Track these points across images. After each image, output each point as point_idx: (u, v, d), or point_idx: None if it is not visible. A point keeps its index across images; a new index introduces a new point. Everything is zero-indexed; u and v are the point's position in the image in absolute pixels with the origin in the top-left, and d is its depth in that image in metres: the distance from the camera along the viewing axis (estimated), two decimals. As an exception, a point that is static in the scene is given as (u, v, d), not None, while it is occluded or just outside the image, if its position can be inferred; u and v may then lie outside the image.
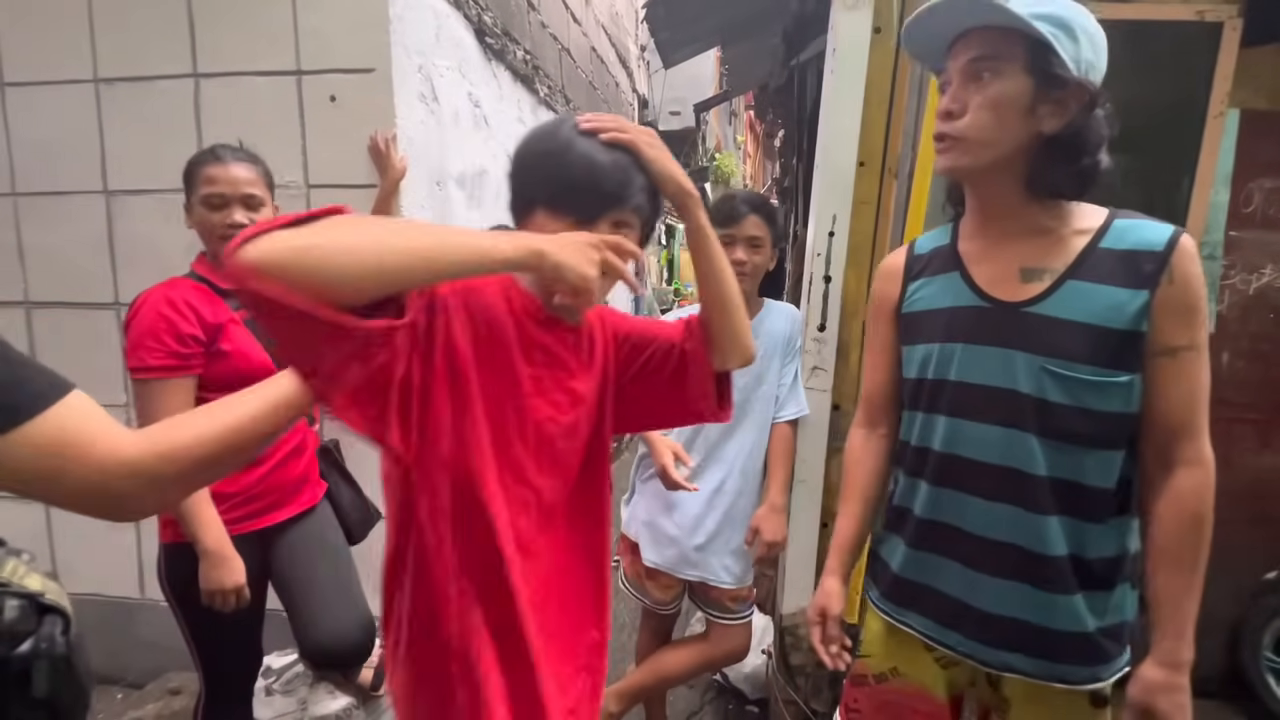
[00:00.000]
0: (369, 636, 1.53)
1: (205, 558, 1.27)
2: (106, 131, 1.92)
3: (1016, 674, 0.90)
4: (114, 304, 1.97)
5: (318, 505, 1.57)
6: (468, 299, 0.75)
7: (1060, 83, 0.80)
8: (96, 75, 1.90)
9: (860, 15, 1.54)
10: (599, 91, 4.34)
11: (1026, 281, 0.87)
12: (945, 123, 0.86)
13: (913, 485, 0.99)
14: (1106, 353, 0.82)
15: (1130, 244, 0.83)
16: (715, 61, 6.73)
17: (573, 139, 0.77)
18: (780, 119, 4.52)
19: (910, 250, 1.03)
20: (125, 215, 1.93)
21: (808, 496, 1.72)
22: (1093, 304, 0.82)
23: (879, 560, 1.07)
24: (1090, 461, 0.85)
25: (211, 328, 1.31)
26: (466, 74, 2.33)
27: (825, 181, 1.63)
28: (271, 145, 1.63)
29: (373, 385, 0.67)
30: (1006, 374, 0.87)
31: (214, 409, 0.61)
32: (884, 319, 1.04)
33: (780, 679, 1.84)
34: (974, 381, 0.90)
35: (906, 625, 1.00)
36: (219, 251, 1.37)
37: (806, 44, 2.82)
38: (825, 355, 1.67)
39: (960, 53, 0.85)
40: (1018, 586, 0.89)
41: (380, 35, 1.81)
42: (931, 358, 0.94)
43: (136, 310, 1.29)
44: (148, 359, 1.25)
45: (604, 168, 0.77)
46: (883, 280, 1.06)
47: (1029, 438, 0.86)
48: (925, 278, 0.98)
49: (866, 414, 1.11)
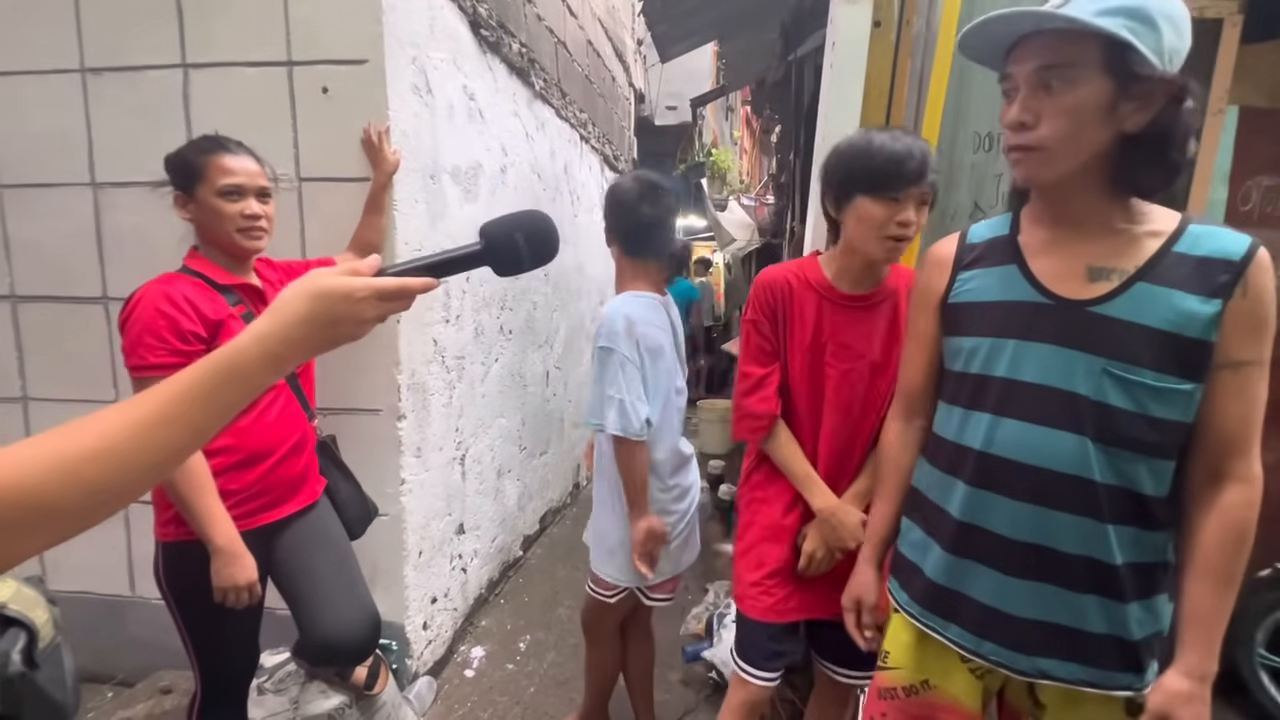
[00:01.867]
0: (374, 630, 1.52)
1: (218, 555, 1.26)
2: (94, 122, 1.88)
3: (1052, 680, 0.88)
4: (102, 298, 1.94)
5: (318, 501, 1.55)
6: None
7: (1143, 79, 0.75)
8: (84, 65, 1.86)
9: (860, 9, 1.52)
10: (595, 85, 4.31)
11: (1093, 280, 0.83)
12: (1019, 134, 0.81)
13: (948, 484, 0.95)
14: (1173, 360, 0.79)
15: (1205, 251, 0.80)
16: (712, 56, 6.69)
17: (871, 137, 1.10)
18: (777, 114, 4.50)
19: (962, 239, 0.99)
20: (113, 208, 1.89)
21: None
22: (1163, 309, 0.79)
23: (906, 562, 1.03)
24: (1145, 469, 0.83)
25: (212, 324, 1.29)
26: (461, 66, 2.30)
27: (824, 177, 1.61)
28: (263, 137, 1.60)
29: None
30: (1065, 374, 0.83)
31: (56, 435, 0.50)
32: (927, 309, 1.00)
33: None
34: (1026, 380, 0.86)
35: (943, 635, 0.96)
36: (235, 242, 1.36)
37: (804, 39, 2.81)
38: (823, 352, 1.66)
39: (1025, 58, 0.80)
40: (1057, 592, 0.86)
41: (373, 26, 1.78)
42: (979, 352, 0.91)
43: (133, 308, 1.26)
44: (148, 357, 1.23)
45: (901, 154, 1.09)
46: (930, 269, 1.01)
47: (1085, 441, 0.83)
48: (978, 268, 0.94)
49: (904, 406, 1.08)
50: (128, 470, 0.49)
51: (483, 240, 0.68)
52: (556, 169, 3.51)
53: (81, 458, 0.47)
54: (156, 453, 0.50)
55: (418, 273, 0.64)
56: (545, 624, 2.65)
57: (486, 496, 2.74)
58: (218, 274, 1.37)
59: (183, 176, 1.34)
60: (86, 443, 0.48)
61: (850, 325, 1.25)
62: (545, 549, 3.38)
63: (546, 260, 0.73)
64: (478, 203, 2.45)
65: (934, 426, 1.01)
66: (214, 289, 1.34)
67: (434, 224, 2.13)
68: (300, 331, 0.56)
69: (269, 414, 1.41)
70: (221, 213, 1.33)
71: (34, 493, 0.46)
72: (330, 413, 1.91)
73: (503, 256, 0.69)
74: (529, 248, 0.70)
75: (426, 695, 2.10)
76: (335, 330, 0.58)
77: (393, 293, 0.60)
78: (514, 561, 3.09)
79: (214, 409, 0.53)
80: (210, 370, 0.53)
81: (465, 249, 0.68)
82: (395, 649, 2.02)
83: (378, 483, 1.92)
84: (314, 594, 1.46)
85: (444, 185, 2.20)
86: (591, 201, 4.28)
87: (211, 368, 0.53)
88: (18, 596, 0.59)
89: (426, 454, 2.14)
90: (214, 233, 1.36)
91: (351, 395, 1.93)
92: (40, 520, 0.46)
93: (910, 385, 1.06)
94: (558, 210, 3.54)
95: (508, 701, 2.16)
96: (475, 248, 0.68)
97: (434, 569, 2.24)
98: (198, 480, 1.25)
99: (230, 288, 1.38)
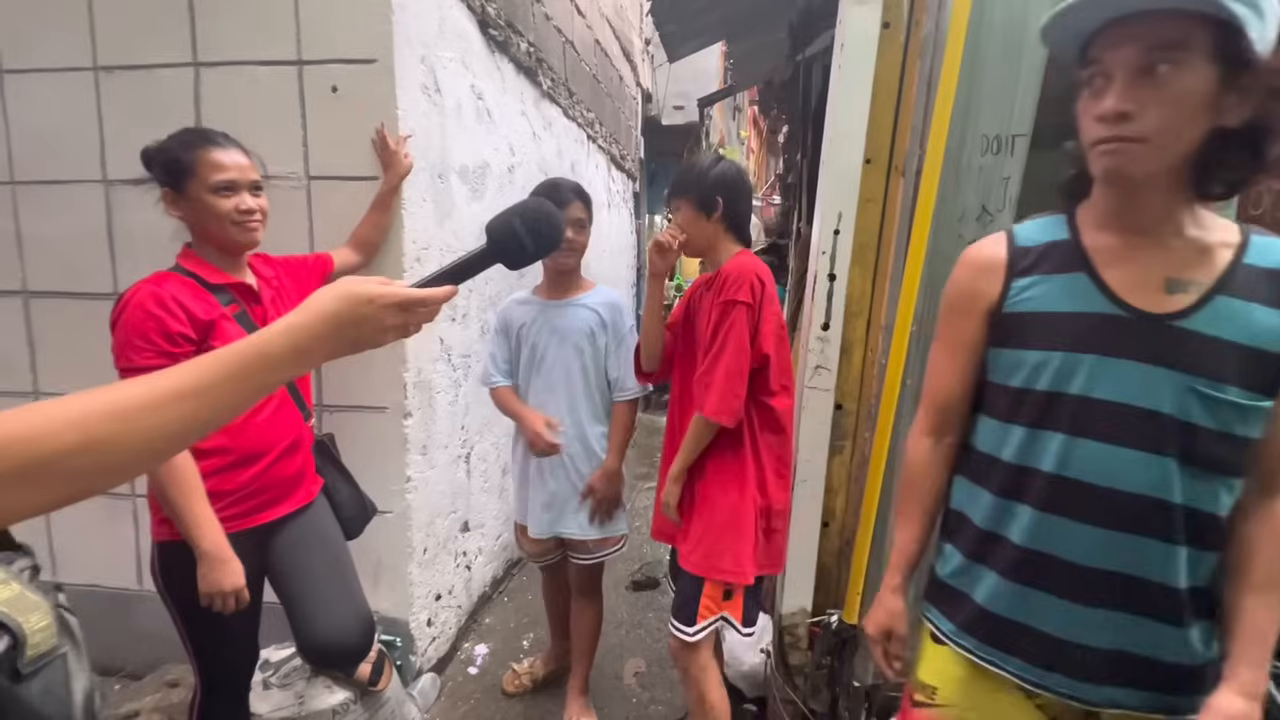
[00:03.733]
0: (368, 635, 1.52)
1: (203, 560, 1.26)
2: (106, 120, 1.90)
3: (1123, 709, 0.85)
4: (112, 294, 1.95)
5: (315, 500, 1.55)
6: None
7: (1250, 68, 0.69)
8: (96, 63, 1.88)
9: (870, 9, 1.51)
10: (603, 85, 4.31)
11: (1171, 293, 0.78)
12: (1118, 125, 0.74)
13: (1008, 509, 0.88)
14: (1257, 376, 0.76)
15: (1274, 263, 0.78)
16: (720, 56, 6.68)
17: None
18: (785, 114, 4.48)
19: (1011, 242, 0.91)
20: (124, 205, 1.91)
21: (809, 496, 1.71)
22: (1243, 324, 0.76)
23: (946, 587, 0.97)
24: (1223, 489, 0.79)
25: (202, 324, 1.28)
26: (470, 66, 2.31)
27: (831, 178, 1.61)
28: (272, 136, 1.62)
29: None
30: (1148, 393, 0.78)
31: (80, 395, 0.50)
32: (971, 316, 0.92)
33: (778, 678, 1.83)
34: (1104, 398, 0.80)
35: (1002, 669, 0.89)
36: (230, 237, 1.34)
37: (813, 39, 2.80)
38: (829, 354, 1.66)
39: (1123, 41, 0.73)
40: (1130, 618, 0.82)
41: (383, 25, 1.79)
42: (1047, 367, 0.84)
43: (123, 308, 1.26)
44: (136, 359, 1.23)
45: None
46: (975, 273, 0.93)
47: (1168, 463, 0.78)
48: (1037, 274, 0.87)
49: (934, 420, 1.00)
50: (140, 435, 0.50)
51: (487, 237, 0.69)
52: (563, 168, 3.51)
53: (97, 414, 0.48)
54: (172, 423, 0.52)
55: (436, 282, 0.66)
56: (547, 622, 2.65)
57: (491, 494, 2.75)
58: (210, 273, 1.35)
59: (171, 173, 1.31)
60: (101, 402, 0.49)
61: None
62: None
63: (553, 241, 0.73)
64: (484, 202, 2.45)
65: (977, 444, 0.94)
66: (206, 288, 1.33)
67: (441, 223, 2.14)
68: (325, 328, 0.59)
69: (263, 414, 1.40)
70: (216, 209, 1.31)
71: (44, 443, 0.46)
72: (336, 410, 1.92)
73: (508, 247, 0.70)
74: (529, 233, 0.70)
75: (430, 692, 2.11)
76: (357, 332, 0.62)
77: (413, 302, 0.64)
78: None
79: (236, 390, 0.55)
80: (238, 353, 0.55)
81: (474, 251, 0.69)
82: (399, 645, 2.03)
83: (383, 480, 1.93)
84: (308, 597, 1.46)
85: (451, 184, 2.21)
86: (599, 200, 4.28)
87: (240, 350, 0.56)
88: (17, 600, 0.56)
89: (432, 451, 2.15)
90: (208, 230, 1.34)
91: (358, 393, 1.94)
92: (43, 474, 0.47)
93: (944, 397, 0.98)
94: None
95: (510, 698, 2.17)
96: (483, 246, 0.69)
97: (438, 566, 2.25)
98: (186, 484, 1.24)
99: (223, 287, 1.36)
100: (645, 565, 3.18)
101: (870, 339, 1.67)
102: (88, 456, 0.48)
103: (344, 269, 1.77)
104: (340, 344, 0.61)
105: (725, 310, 1.47)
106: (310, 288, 1.64)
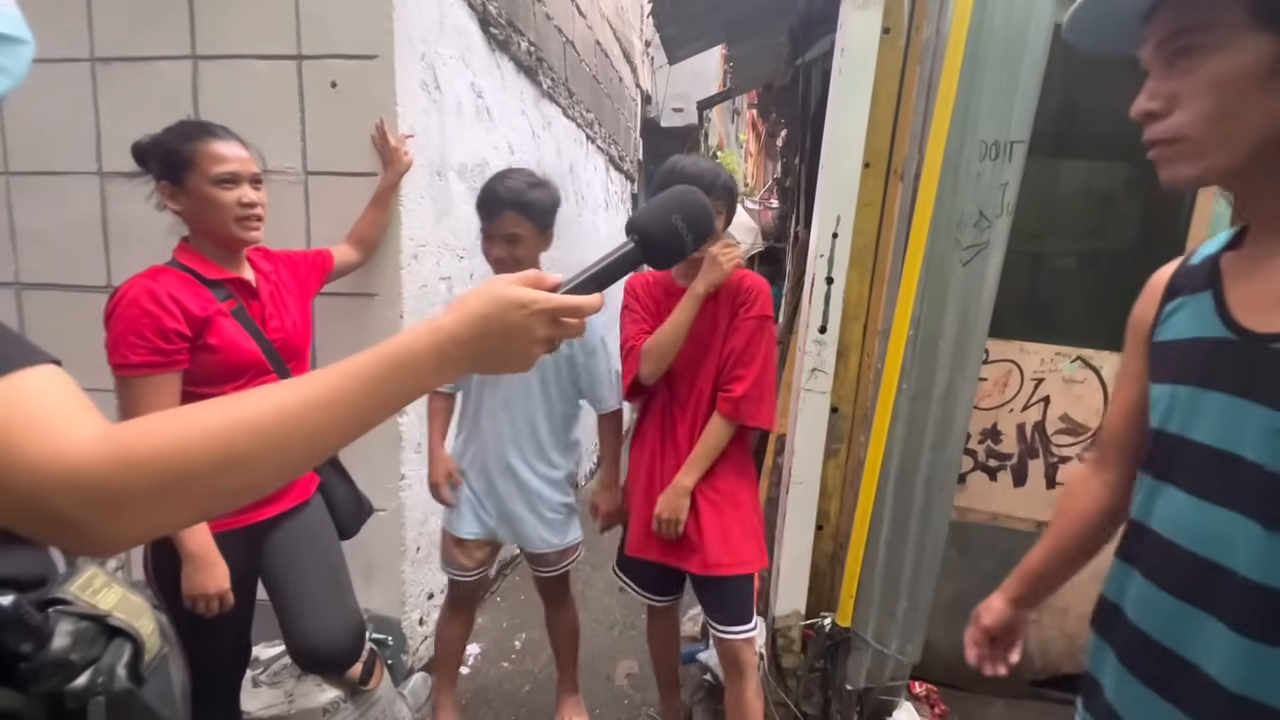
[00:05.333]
0: (358, 640, 1.50)
1: (188, 561, 1.24)
2: (102, 112, 1.89)
3: None
4: (106, 287, 1.94)
5: (310, 500, 1.54)
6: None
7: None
8: (93, 54, 1.86)
9: (870, 14, 1.52)
10: (603, 86, 4.31)
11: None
12: (1151, 126, 0.65)
13: (1124, 573, 0.75)
14: None
15: None
16: (720, 58, 6.70)
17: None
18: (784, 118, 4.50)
19: (1184, 260, 0.78)
20: (119, 198, 1.90)
21: (804, 498, 1.71)
22: None
23: (1089, 677, 0.82)
24: None
25: (198, 321, 1.27)
26: (470, 63, 2.31)
27: (830, 182, 1.61)
28: (270, 130, 1.61)
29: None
30: (1231, 432, 0.63)
31: (218, 405, 0.48)
32: (1135, 344, 0.82)
33: (771, 681, 1.84)
34: (1196, 439, 0.67)
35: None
36: (231, 233, 1.33)
37: (812, 43, 2.81)
38: (825, 357, 1.66)
39: (1151, 33, 0.65)
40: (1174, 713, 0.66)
41: (383, 21, 1.79)
42: (1164, 404, 0.72)
43: (116, 303, 1.24)
44: (130, 356, 1.21)
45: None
46: (1144, 297, 0.82)
47: (1250, 524, 0.60)
48: (1183, 296, 0.74)
49: (1098, 452, 0.92)
50: (279, 449, 0.48)
51: (635, 236, 0.64)
52: (562, 168, 3.51)
53: (238, 431, 0.46)
54: (313, 434, 0.49)
55: (582, 288, 0.60)
56: (540, 623, 2.62)
57: (485, 494, 2.74)
58: (207, 268, 1.33)
59: (170, 166, 1.28)
60: (241, 415, 0.47)
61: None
62: (542, 548, 3.38)
63: (708, 231, 0.69)
64: (483, 200, 2.45)
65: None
66: (202, 284, 1.31)
67: (439, 220, 2.14)
68: (471, 331, 0.54)
69: None
70: (218, 202, 1.29)
71: (185, 460, 0.44)
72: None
73: (665, 246, 0.65)
74: (689, 228, 0.65)
75: (421, 691, 2.10)
76: (506, 343, 0.55)
77: (569, 310, 0.57)
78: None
79: (378, 397, 0.52)
80: (379, 357, 0.52)
81: (620, 251, 0.63)
82: (391, 644, 2.02)
83: (378, 478, 1.92)
84: (298, 599, 1.44)
85: (450, 182, 2.20)
86: (597, 201, 4.29)
87: (381, 354, 0.52)
88: (123, 603, 0.55)
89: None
90: (208, 224, 1.32)
91: (353, 390, 1.93)
92: (185, 492, 0.45)
93: (1109, 430, 0.90)
94: (562, 210, 3.54)
95: (502, 699, 2.16)
96: (630, 246, 0.63)
97: (431, 565, 2.24)
98: None
99: (220, 282, 1.34)
100: (638, 566, 3.18)
101: (867, 343, 1.68)
102: (227, 473, 0.46)
103: (343, 266, 1.76)
104: (486, 354, 0.55)
105: (761, 325, 1.52)
106: (310, 284, 1.63)
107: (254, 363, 1.35)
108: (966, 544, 2.18)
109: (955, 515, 2.10)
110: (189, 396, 1.28)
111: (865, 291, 1.65)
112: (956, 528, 2.12)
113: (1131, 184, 2.08)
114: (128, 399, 1.24)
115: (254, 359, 1.35)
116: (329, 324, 1.74)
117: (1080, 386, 2.09)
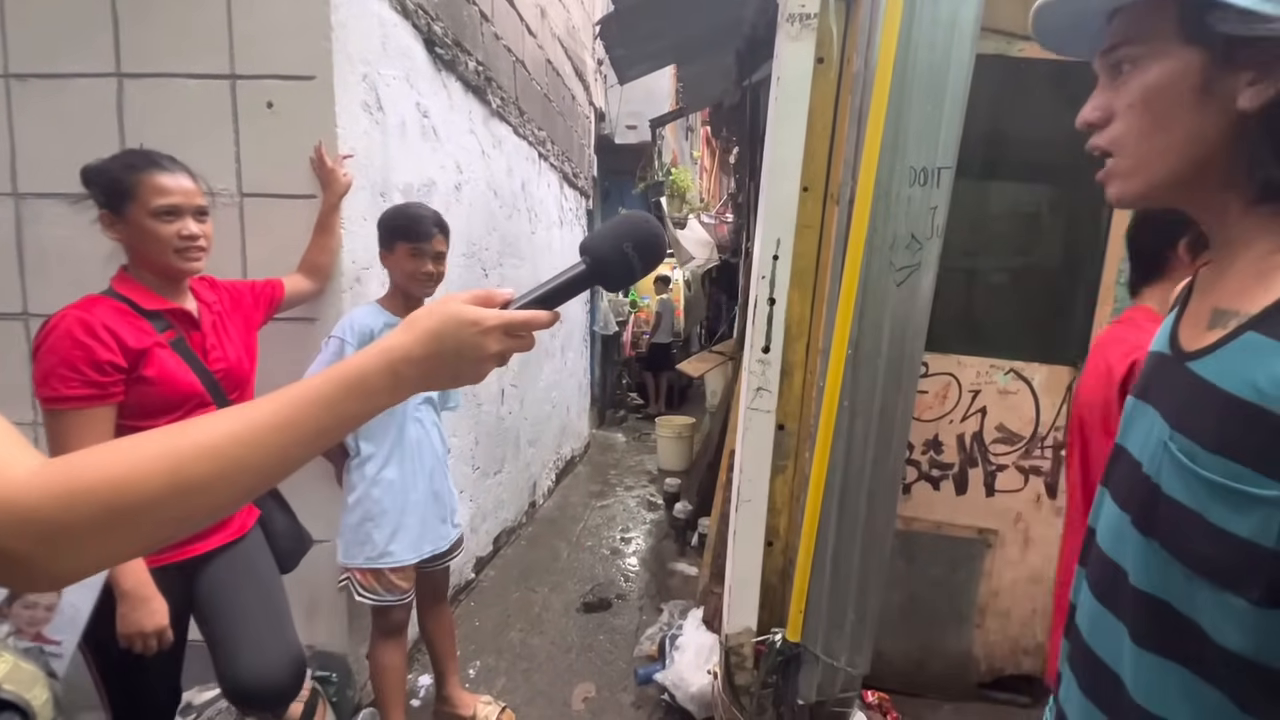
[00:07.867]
0: (298, 674, 1.45)
1: (124, 599, 1.19)
2: (18, 130, 1.79)
3: None
4: (21, 314, 1.83)
5: (248, 533, 1.48)
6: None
7: (1244, 41, 0.53)
8: (7, 70, 1.77)
9: (803, 46, 1.58)
10: (554, 104, 4.33)
11: (1212, 326, 0.61)
12: (1093, 137, 0.64)
13: (1079, 577, 0.75)
14: (1248, 445, 0.51)
15: None
16: (671, 78, 6.81)
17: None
18: (734, 136, 4.60)
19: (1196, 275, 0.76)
20: (36, 220, 1.80)
21: (752, 516, 1.73)
22: (1256, 369, 0.51)
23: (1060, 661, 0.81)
24: (1205, 600, 0.54)
25: (134, 353, 1.23)
26: (415, 84, 2.28)
27: (770, 206, 1.66)
28: (202, 151, 1.56)
29: None
30: (1145, 442, 0.63)
31: (166, 431, 0.47)
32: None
33: (725, 699, 1.84)
34: (1127, 448, 0.68)
35: None
36: (170, 264, 1.29)
37: (758, 65, 2.89)
38: (769, 376, 1.69)
39: (1104, 42, 0.64)
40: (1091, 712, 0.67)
41: (321, 42, 1.76)
42: (1124, 416, 0.73)
43: (48, 334, 1.19)
44: (61, 389, 1.16)
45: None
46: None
47: (1135, 534, 0.61)
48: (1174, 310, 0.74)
49: None
50: (234, 472, 0.47)
51: (587, 259, 0.65)
52: (514, 186, 3.50)
53: (187, 455, 0.45)
54: (266, 457, 0.49)
55: (534, 306, 0.60)
56: (496, 649, 2.60)
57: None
58: (146, 298, 1.30)
59: (110, 195, 1.26)
60: (190, 440, 0.46)
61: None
62: (499, 570, 3.32)
63: (657, 263, 0.69)
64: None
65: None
66: (140, 314, 1.27)
67: (383, 242, 2.09)
68: (424, 350, 0.55)
69: None
70: (156, 234, 1.26)
71: (134, 489, 0.43)
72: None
73: (614, 270, 0.65)
74: (640, 256, 0.66)
75: (369, 728, 2.02)
76: (458, 360, 0.56)
77: (519, 326, 0.58)
78: (466, 584, 3.03)
79: (331, 418, 0.51)
80: (331, 379, 0.52)
81: (571, 272, 0.64)
82: (336, 680, 1.94)
83: (317, 506, 1.85)
84: (234, 633, 1.39)
85: (394, 203, 2.17)
86: (551, 218, 4.28)
87: (334, 376, 0.52)
88: (14, 673, 0.53)
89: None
90: (146, 255, 1.29)
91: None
92: (134, 521, 0.44)
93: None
94: (514, 227, 3.53)
95: (455, 731, 2.10)
96: (581, 269, 0.64)
97: (379, 595, 2.17)
98: None
99: (159, 313, 1.31)
100: (596, 586, 3.15)
101: (810, 361, 1.72)
102: (179, 500, 0.45)
103: (295, 296, 1.72)
104: (437, 371, 0.56)
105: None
106: (255, 314, 1.59)
107: (192, 394, 1.31)
108: (914, 552, 2.24)
109: (901, 525, 2.16)
110: (123, 430, 1.23)
111: (807, 311, 1.70)
112: (903, 537, 2.18)
113: (1055, 204, 2.20)
114: (59, 433, 1.18)
115: (192, 391, 1.31)
116: (270, 351, 1.69)
117: (1014, 397, 2.19)
